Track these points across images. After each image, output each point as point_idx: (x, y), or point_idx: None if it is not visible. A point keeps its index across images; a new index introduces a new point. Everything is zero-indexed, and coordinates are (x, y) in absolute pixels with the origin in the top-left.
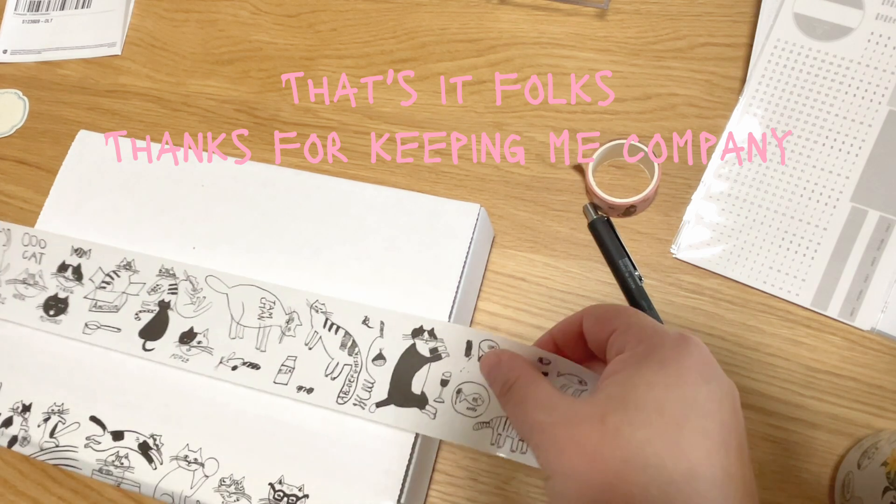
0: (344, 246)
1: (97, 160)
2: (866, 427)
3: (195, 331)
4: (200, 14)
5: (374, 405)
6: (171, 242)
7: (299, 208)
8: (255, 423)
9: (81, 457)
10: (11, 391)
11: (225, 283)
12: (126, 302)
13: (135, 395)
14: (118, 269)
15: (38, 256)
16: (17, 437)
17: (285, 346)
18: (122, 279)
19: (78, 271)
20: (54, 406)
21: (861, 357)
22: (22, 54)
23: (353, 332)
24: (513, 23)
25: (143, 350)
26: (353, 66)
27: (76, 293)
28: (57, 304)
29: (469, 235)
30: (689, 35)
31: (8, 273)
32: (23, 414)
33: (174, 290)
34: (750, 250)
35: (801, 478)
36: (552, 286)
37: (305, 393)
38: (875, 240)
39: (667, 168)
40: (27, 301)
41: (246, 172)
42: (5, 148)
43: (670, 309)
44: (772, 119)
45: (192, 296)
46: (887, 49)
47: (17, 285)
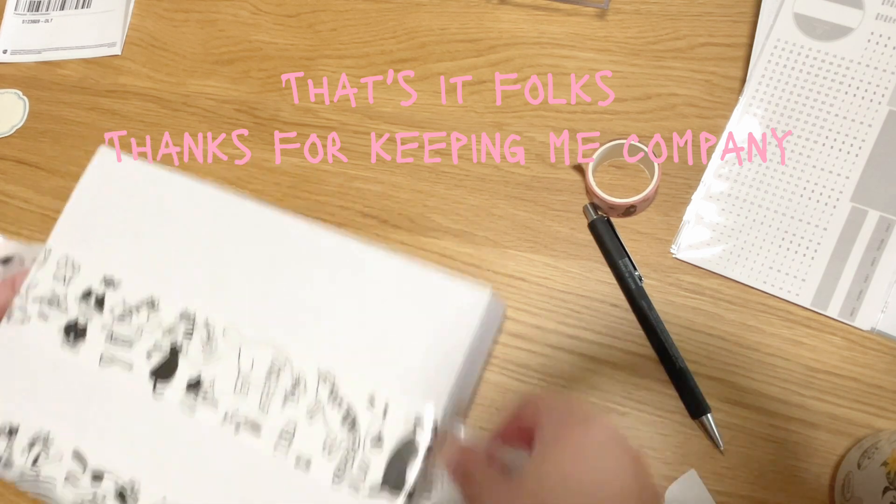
0: (343, 312)
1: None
2: (866, 427)
3: (202, 380)
4: (200, 14)
5: (367, 489)
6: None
7: (302, 267)
8: (235, 494)
9: (60, 492)
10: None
11: (242, 334)
12: (140, 338)
13: (120, 437)
14: (140, 304)
15: (66, 279)
16: (0, 459)
17: (287, 413)
18: (141, 315)
19: (101, 301)
20: (40, 432)
21: (861, 357)
22: (22, 54)
23: (356, 409)
24: (513, 23)
25: (153, 393)
26: (353, 66)
27: (95, 322)
28: (76, 330)
29: (475, 324)
30: (689, 35)
31: (36, 290)
32: (9, 436)
33: (189, 335)
34: (750, 250)
35: (801, 478)
36: (552, 286)
37: (303, 469)
38: (875, 240)
39: (667, 168)
40: (50, 322)
41: (257, 217)
42: (5, 148)
43: (670, 309)
44: (772, 119)
45: (206, 344)
46: (887, 49)
47: (43, 305)
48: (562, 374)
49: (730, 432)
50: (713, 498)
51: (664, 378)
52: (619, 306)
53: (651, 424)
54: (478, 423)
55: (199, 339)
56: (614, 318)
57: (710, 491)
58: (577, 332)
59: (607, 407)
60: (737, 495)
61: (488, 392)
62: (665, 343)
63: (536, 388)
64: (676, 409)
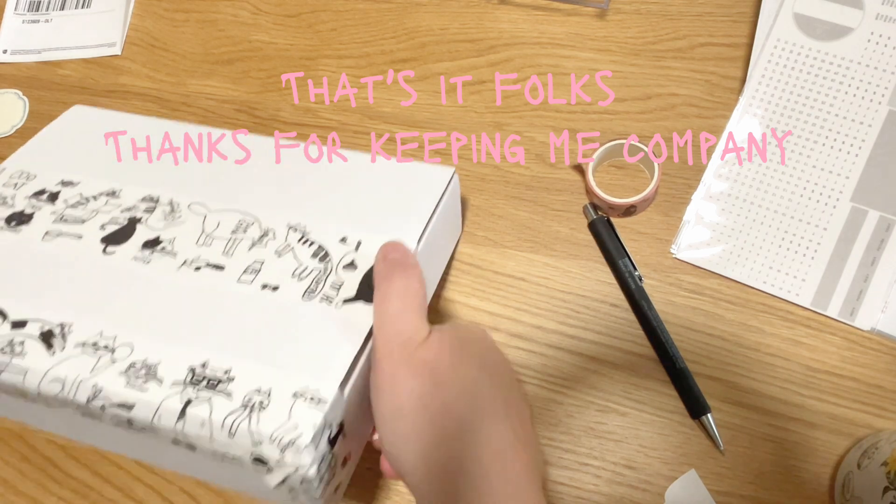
0: (320, 196)
1: (84, 125)
2: (866, 427)
3: (161, 239)
4: (200, 14)
5: (341, 301)
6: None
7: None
8: (186, 315)
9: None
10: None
11: (208, 206)
12: (95, 216)
13: (54, 290)
14: (98, 195)
15: (18, 185)
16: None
17: (253, 254)
18: (99, 201)
19: (55, 196)
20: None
21: (861, 357)
22: (22, 54)
23: (328, 246)
24: (513, 23)
25: (102, 254)
26: (353, 66)
27: (44, 210)
28: (20, 217)
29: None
30: (689, 35)
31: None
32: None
33: (150, 210)
34: (750, 250)
35: (801, 478)
36: (552, 286)
37: (270, 290)
38: (875, 240)
39: (667, 168)
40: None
41: (228, 143)
42: (5, 148)
43: (670, 309)
44: (772, 119)
45: (168, 215)
46: (887, 49)
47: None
48: (562, 374)
49: (730, 432)
50: (713, 498)
51: (664, 378)
52: (619, 306)
53: (651, 424)
54: None
55: (161, 212)
56: (614, 318)
57: (710, 491)
58: (577, 332)
59: (607, 407)
60: (737, 495)
61: None
62: (665, 343)
63: (536, 388)
64: (676, 409)
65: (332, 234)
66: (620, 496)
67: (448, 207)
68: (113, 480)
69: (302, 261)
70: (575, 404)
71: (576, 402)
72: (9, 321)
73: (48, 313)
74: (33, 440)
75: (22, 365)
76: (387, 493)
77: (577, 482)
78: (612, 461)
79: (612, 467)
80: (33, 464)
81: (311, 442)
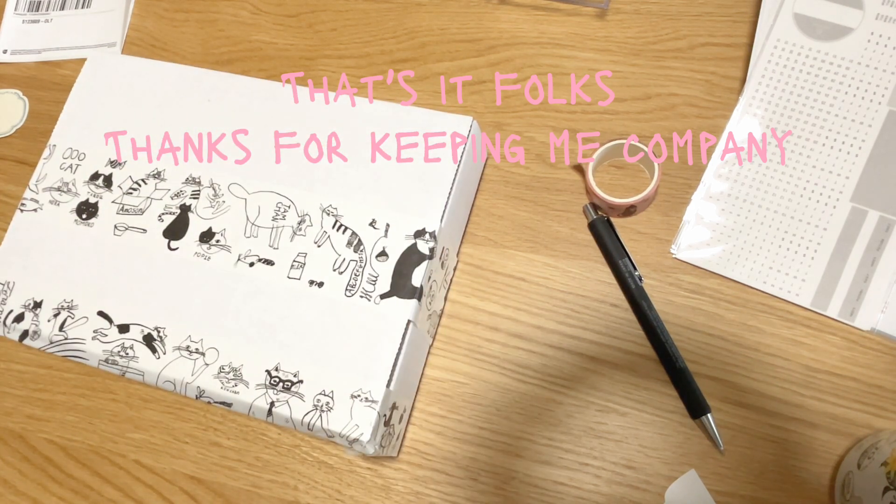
0: (347, 161)
1: (110, 78)
2: (866, 427)
3: (213, 230)
4: (200, 14)
5: (378, 297)
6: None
7: (308, 124)
8: (253, 316)
9: (89, 348)
10: (24, 289)
11: (246, 189)
12: (150, 205)
13: (141, 293)
14: (147, 177)
15: (73, 167)
16: (28, 332)
17: (296, 245)
18: (149, 186)
19: (109, 180)
20: (63, 302)
21: (861, 357)
22: (22, 54)
23: (360, 232)
24: (513, 23)
25: (168, 249)
26: (353, 66)
27: (105, 199)
28: (88, 209)
29: (461, 149)
30: (689, 35)
31: (45, 182)
32: (34, 310)
33: (196, 195)
34: (750, 250)
35: (801, 478)
36: (552, 286)
37: (317, 287)
38: (875, 240)
39: (667, 168)
40: (61, 206)
41: (249, 88)
42: (5, 148)
43: (670, 309)
44: (772, 119)
45: (213, 200)
46: (887, 49)
47: (53, 192)
48: (562, 374)
49: (730, 432)
50: (713, 498)
51: (664, 378)
52: (619, 306)
53: (651, 424)
54: (477, 424)
55: (206, 196)
56: (614, 318)
57: (710, 491)
58: (577, 332)
59: (607, 407)
60: (737, 495)
61: (489, 393)
62: (665, 343)
63: (536, 388)
64: (676, 409)
65: (362, 217)
66: (620, 496)
67: (467, 163)
68: (113, 480)
69: (339, 251)
70: (575, 404)
71: (576, 402)
72: (115, 325)
73: (143, 317)
74: (33, 440)
75: (138, 367)
76: (387, 493)
77: (577, 482)
78: (612, 461)
79: (612, 467)
80: (33, 464)
81: (371, 436)
